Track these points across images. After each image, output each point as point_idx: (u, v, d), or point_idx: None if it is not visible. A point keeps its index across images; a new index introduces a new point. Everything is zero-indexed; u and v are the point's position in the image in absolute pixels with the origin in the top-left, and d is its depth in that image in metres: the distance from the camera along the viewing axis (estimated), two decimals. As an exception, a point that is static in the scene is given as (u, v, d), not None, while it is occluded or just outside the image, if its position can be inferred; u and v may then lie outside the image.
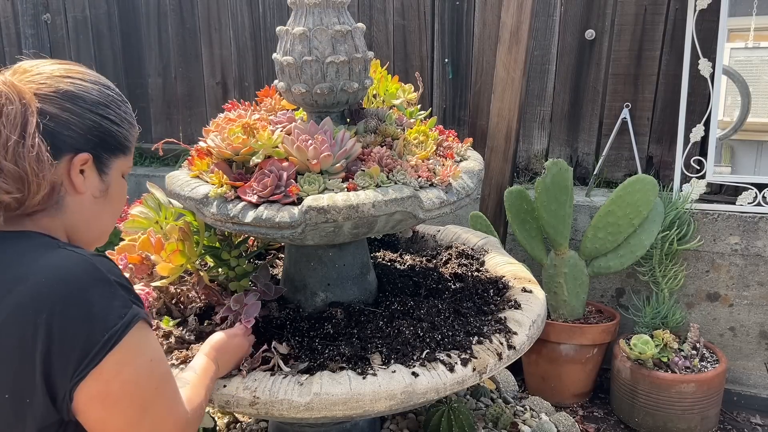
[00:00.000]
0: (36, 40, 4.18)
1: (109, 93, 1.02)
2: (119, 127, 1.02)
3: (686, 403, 2.50)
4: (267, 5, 3.55)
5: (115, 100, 1.03)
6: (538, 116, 3.14)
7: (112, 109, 1.01)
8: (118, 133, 1.02)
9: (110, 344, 0.87)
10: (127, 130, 1.04)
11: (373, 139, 1.50)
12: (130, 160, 1.08)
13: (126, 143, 1.05)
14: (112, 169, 1.03)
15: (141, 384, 0.92)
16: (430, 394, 1.28)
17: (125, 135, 1.04)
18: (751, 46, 2.74)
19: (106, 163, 1.01)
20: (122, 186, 1.08)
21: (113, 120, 1.01)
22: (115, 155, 1.03)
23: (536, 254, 2.78)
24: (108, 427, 0.91)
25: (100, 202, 1.02)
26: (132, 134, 1.06)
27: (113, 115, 1.01)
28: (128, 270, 1.55)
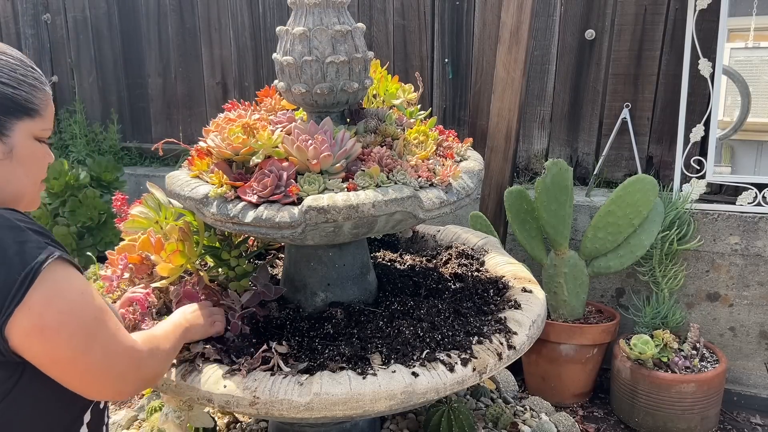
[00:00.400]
0: (36, 40, 4.18)
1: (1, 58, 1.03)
2: (15, 89, 1.02)
3: (686, 403, 2.50)
4: (267, 5, 3.55)
5: (8, 64, 1.03)
6: (538, 116, 3.14)
7: (3, 72, 1.02)
8: (15, 95, 1.02)
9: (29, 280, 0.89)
10: (27, 92, 1.04)
11: (373, 139, 1.50)
12: (41, 122, 1.07)
13: (29, 105, 1.04)
14: (13, 131, 1.03)
15: (77, 313, 0.95)
16: (430, 394, 1.28)
17: (25, 97, 1.04)
18: (751, 46, 2.74)
19: (5, 125, 1.02)
20: (34, 148, 1.07)
21: (5, 82, 1.01)
22: (17, 117, 1.03)
23: (536, 254, 2.78)
24: (57, 358, 0.94)
25: (6, 164, 1.03)
26: (36, 96, 1.05)
27: (5, 77, 1.01)
28: (128, 270, 1.55)
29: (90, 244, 3.32)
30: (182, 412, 1.61)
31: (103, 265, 1.66)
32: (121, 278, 1.56)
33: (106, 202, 3.28)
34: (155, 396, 1.96)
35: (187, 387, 1.30)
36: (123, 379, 1.03)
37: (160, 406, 1.84)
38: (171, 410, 1.61)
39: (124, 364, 1.02)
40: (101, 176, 3.50)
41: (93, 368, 0.98)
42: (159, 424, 1.64)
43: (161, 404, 1.83)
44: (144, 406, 1.97)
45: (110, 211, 3.07)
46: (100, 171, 3.50)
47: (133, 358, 1.04)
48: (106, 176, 3.51)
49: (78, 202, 3.28)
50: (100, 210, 3.33)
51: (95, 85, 4.10)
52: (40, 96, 1.07)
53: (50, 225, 3.24)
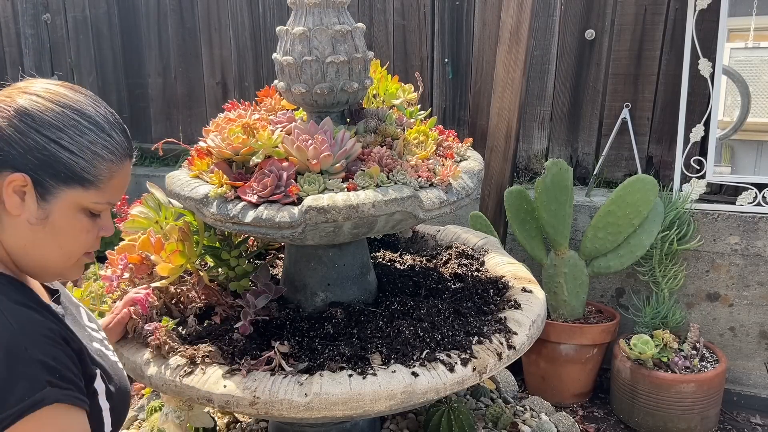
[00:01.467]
0: (36, 40, 4.18)
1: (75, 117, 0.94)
2: (73, 155, 0.93)
3: (686, 403, 2.50)
4: (267, 5, 3.55)
5: (78, 125, 0.93)
6: (538, 116, 3.14)
7: (66, 133, 0.92)
8: (70, 161, 0.92)
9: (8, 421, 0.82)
10: (87, 161, 0.94)
11: (373, 139, 1.50)
12: (96, 195, 0.96)
13: (83, 175, 0.94)
14: (57, 197, 0.93)
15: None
16: (430, 394, 1.28)
17: (83, 165, 0.94)
18: (751, 46, 2.74)
19: (50, 190, 0.93)
20: (77, 221, 0.97)
21: (65, 146, 0.92)
22: (66, 184, 0.93)
23: (536, 254, 2.78)
24: None
25: (38, 230, 0.94)
26: (99, 167, 0.95)
27: (67, 140, 0.92)
28: (128, 270, 1.55)
29: (90, 244, 3.32)
30: (182, 412, 1.61)
31: (103, 265, 1.66)
32: (121, 278, 1.56)
33: (106, 202, 3.28)
34: (155, 396, 1.96)
35: (187, 387, 1.30)
36: None
37: (160, 406, 1.84)
38: (171, 410, 1.61)
39: None
40: (101, 176, 3.49)
41: None
42: (159, 424, 1.64)
43: (161, 404, 1.83)
44: (144, 406, 1.97)
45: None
46: (100, 171, 3.50)
47: None
48: (106, 176, 3.51)
49: (78, 202, 3.28)
50: (100, 210, 3.32)
51: (95, 85, 4.10)
52: (103, 167, 0.96)
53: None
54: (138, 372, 1.38)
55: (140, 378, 1.39)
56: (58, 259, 0.98)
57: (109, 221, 1.03)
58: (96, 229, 1.00)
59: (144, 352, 1.39)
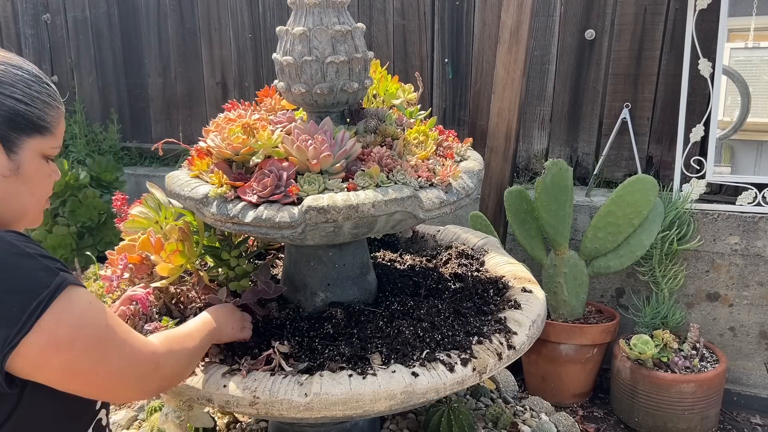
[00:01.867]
0: (36, 40, 4.18)
1: (17, 72, 1.00)
2: (28, 106, 1.00)
3: (686, 403, 2.50)
4: (267, 5, 3.55)
5: (23, 79, 1.00)
6: (538, 116, 3.14)
7: (17, 87, 0.99)
8: (27, 112, 0.99)
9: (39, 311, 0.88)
10: (39, 109, 1.01)
11: (373, 139, 1.50)
12: (51, 140, 1.04)
13: (40, 123, 1.02)
14: (23, 148, 1.00)
15: (88, 323, 0.94)
16: (430, 394, 1.28)
17: (38, 114, 1.01)
18: (751, 46, 2.74)
19: (15, 142, 0.99)
20: (42, 166, 1.04)
21: (19, 98, 0.99)
22: (27, 134, 1.00)
23: (536, 254, 2.78)
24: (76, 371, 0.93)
25: (11, 181, 1.00)
26: (49, 114, 1.03)
27: (19, 93, 0.99)
28: (128, 270, 1.55)
29: (90, 244, 3.32)
30: (182, 412, 1.61)
31: (103, 265, 1.66)
32: (121, 278, 1.56)
33: (106, 202, 3.28)
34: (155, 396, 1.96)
35: (187, 387, 1.30)
36: (144, 380, 1.03)
37: (160, 406, 1.84)
38: (171, 410, 1.61)
39: (142, 366, 1.02)
40: (101, 176, 3.49)
41: (113, 374, 0.98)
42: (159, 424, 1.64)
43: (161, 404, 1.83)
44: (144, 406, 1.97)
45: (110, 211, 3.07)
46: (100, 171, 3.50)
47: (151, 359, 1.03)
48: (106, 176, 3.51)
49: (78, 202, 3.28)
50: (100, 210, 3.33)
51: (95, 85, 4.10)
52: (52, 113, 1.04)
53: (50, 225, 3.24)
54: (138, 372, 1.38)
55: (140, 378, 1.39)
56: (32, 206, 1.06)
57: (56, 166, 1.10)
58: (53, 173, 1.08)
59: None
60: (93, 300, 0.97)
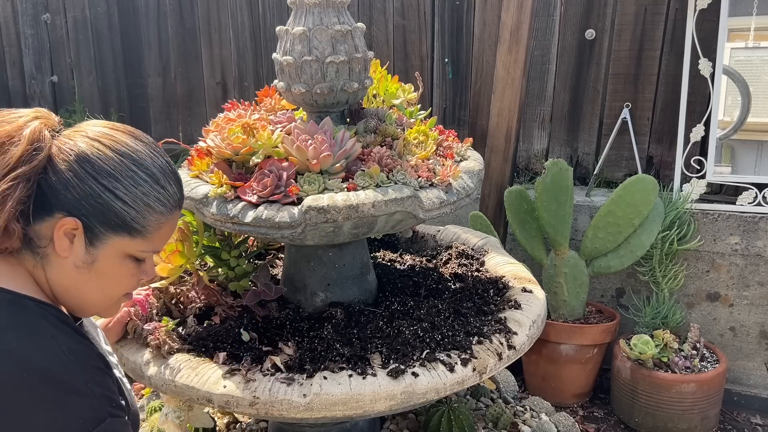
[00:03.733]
0: (36, 40, 4.18)
1: (132, 168, 0.96)
2: (126, 205, 0.95)
3: (686, 403, 2.50)
4: (267, 5, 3.55)
5: (133, 176, 0.96)
6: (538, 116, 3.14)
7: (122, 183, 0.95)
8: (123, 212, 0.95)
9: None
10: (138, 211, 0.96)
11: (373, 139, 1.50)
12: (142, 244, 0.99)
13: (134, 225, 0.97)
14: (104, 244, 0.96)
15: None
16: (430, 395, 1.28)
17: (133, 216, 0.96)
18: (751, 46, 2.74)
19: (99, 236, 0.96)
20: (119, 266, 1.00)
21: (119, 196, 0.95)
22: (115, 232, 0.96)
23: (536, 254, 2.78)
24: None
25: (83, 272, 0.97)
26: (149, 218, 0.98)
27: (122, 190, 0.95)
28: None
29: (90, 244, 3.32)
30: (182, 412, 1.61)
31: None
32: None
33: (106, 202, 3.28)
34: (155, 396, 1.96)
35: (187, 387, 1.30)
36: None
37: (160, 406, 1.84)
38: (171, 410, 1.61)
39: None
40: (101, 176, 3.49)
41: None
42: (159, 424, 1.64)
43: (161, 404, 1.83)
44: (144, 406, 1.97)
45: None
46: (100, 171, 3.49)
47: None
48: (106, 176, 3.51)
49: (78, 202, 3.28)
50: (100, 210, 3.32)
51: (95, 85, 4.10)
52: (153, 218, 0.99)
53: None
54: (138, 372, 1.38)
55: (140, 378, 1.39)
56: (99, 300, 1.02)
57: (151, 266, 1.06)
58: (139, 273, 1.03)
59: (144, 352, 1.39)
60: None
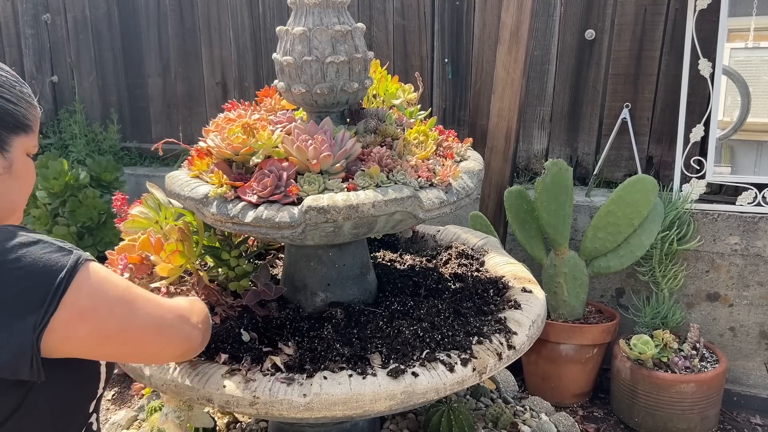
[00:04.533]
0: (36, 40, 4.18)
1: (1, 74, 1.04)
2: (15, 105, 1.04)
3: (686, 403, 2.50)
4: (267, 5, 3.55)
5: (8, 81, 1.04)
6: (538, 116, 3.14)
7: (5, 88, 1.03)
8: (15, 112, 1.04)
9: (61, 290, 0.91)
10: (24, 108, 1.06)
11: (373, 139, 1.50)
12: (33, 139, 1.09)
13: (25, 121, 1.06)
14: (13, 146, 1.04)
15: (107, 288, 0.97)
16: (430, 394, 1.28)
17: (23, 113, 1.05)
18: (751, 46, 2.74)
19: (6, 140, 1.03)
20: (28, 164, 1.09)
21: (8, 99, 1.03)
22: (15, 133, 1.04)
23: (536, 254, 2.78)
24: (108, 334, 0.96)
25: (5, 178, 1.04)
26: (31, 113, 1.07)
27: (7, 94, 1.03)
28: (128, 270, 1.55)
29: (90, 244, 3.32)
30: (182, 412, 1.61)
31: (103, 265, 1.65)
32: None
33: (106, 202, 3.28)
34: (155, 396, 1.96)
35: (187, 387, 1.30)
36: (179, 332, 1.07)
37: (160, 406, 1.84)
38: (171, 410, 1.61)
39: (172, 317, 1.05)
40: (101, 176, 3.49)
41: (146, 330, 1.01)
42: (159, 424, 1.64)
43: (161, 404, 1.83)
44: (144, 406, 1.97)
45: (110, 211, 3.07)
46: (100, 171, 3.49)
47: (177, 310, 1.07)
48: (106, 176, 3.51)
49: (78, 202, 3.28)
50: (99, 210, 3.32)
51: (95, 85, 4.10)
52: (33, 113, 1.08)
53: (50, 225, 3.24)
54: (138, 372, 1.38)
55: (140, 378, 1.39)
56: (22, 202, 1.11)
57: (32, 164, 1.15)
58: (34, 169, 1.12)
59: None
60: (108, 271, 1.00)
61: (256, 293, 1.48)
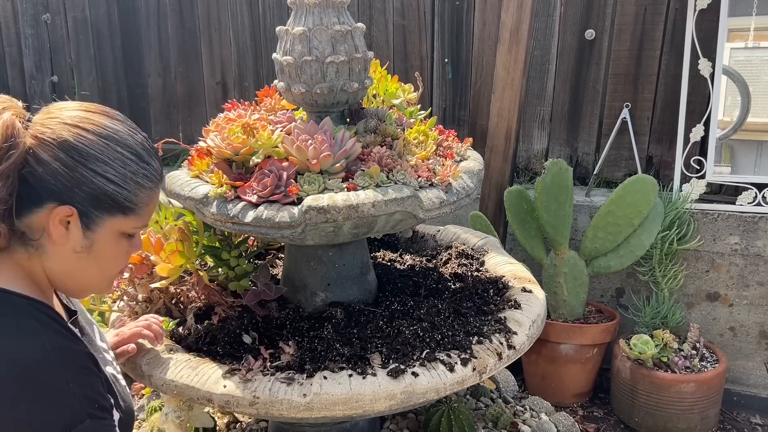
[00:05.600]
0: (36, 40, 4.18)
1: (118, 149, 0.97)
2: (118, 186, 0.97)
3: (686, 403, 2.50)
4: (267, 5, 3.55)
5: (122, 157, 0.97)
6: (538, 116, 3.14)
7: (111, 166, 0.96)
8: (115, 193, 0.97)
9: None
10: (130, 191, 0.98)
11: (373, 139, 1.50)
12: (134, 221, 1.02)
13: (127, 204, 0.99)
14: (101, 227, 0.98)
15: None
16: (430, 394, 1.28)
17: (126, 196, 0.98)
18: (751, 46, 2.74)
19: (95, 220, 0.97)
20: (116, 245, 1.02)
21: (110, 179, 0.96)
22: (110, 214, 0.98)
23: (536, 254, 2.78)
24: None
25: (82, 257, 0.99)
26: (140, 195, 1.00)
27: (112, 173, 0.96)
28: (128, 270, 1.55)
29: (90, 244, 3.32)
30: (182, 412, 1.61)
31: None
32: (121, 278, 1.56)
33: (106, 202, 3.28)
34: (155, 396, 1.96)
35: (187, 387, 1.30)
36: None
37: (160, 406, 1.84)
38: (171, 410, 1.61)
39: None
40: (101, 176, 3.49)
41: None
42: (159, 424, 1.64)
43: (161, 404, 1.83)
44: (144, 406, 1.97)
45: (110, 211, 3.06)
46: (100, 171, 3.50)
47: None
48: (106, 176, 3.51)
49: (78, 202, 3.28)
50: (100, 210, 3.32)
51: (95, 85, 4.10)
52: (143, 194, 1.01)
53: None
54: (138, 372, 1.38)
55: (140, 378, 1.39)
56: (98, 280, 1.05)
57: (140, 239, 1.09)
58: (131, 249, 1.06)
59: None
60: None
61: (256, 293, 1.48)
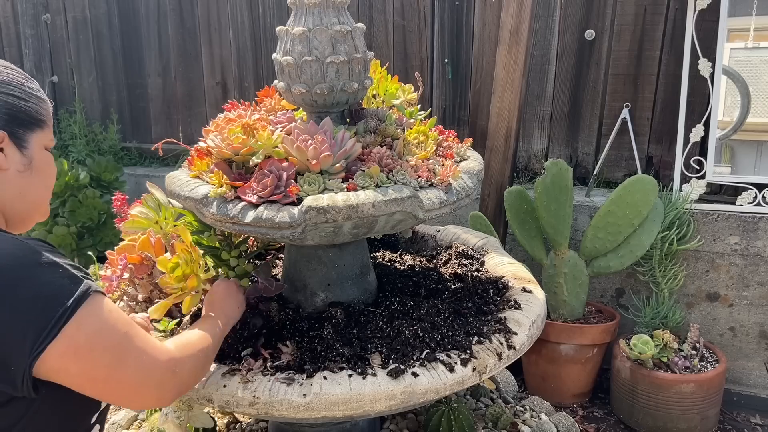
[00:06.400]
0: (36, 40, 4.18)
1: (9, 72, 1.06)
2: (27, 102, 1.05)
3: (686, 403, 2.50)
4: (267, 5, 3.55)
5: (15, 79, 1.06)
6: (538, 116, 3.14)
7: (13, 85, 1.04)
8: (28, 108, 1.05)
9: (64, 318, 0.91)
10: (36, 104, 1.07)
11: (373, 139, 1.50)
12: (48, 133, 1.11)
13: (39, 117, 1.08)
14: (30, 143, 1.06)
15: (107, 331, 0.96)
16: (429, 394, 1.28)
17: (36, 109, 1.07)
18: (751, 46, 2.74)
19: (24, 138, 1.05)
20: (47, 157, 1.11)
21: (18, 96, 1.04)
22: (31, 129, 1.06)
23: (536, 254, 2.78)
24: (94, 377, 0.96)
25: (26, 175, 1.06)
26: (43, 108, 1.09)
27: (17, 92, 1.04)
28: (128, 270, 1.55)
29: (90, 244, 3.32)
30: (182, 412, 1.61)
31: (103, 266, 1.66)
32: (120, 278, 1.56)
33: (105, 203, 3.28)
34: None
35: (187, 387, 1.30)
36: (161, 387, 1.03)
37: (160, 406, 1.84)
38: (171, 410, 1.61)
39: (159, 373, 1.02)
40: (101, 176, 3.49)
41: (130, 381, 0.99)
42: (159, 424, 1.64)
43: (161, 404, 1.83)
44: (144, 406, 1.97)
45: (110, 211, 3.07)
46: (99, 171, 3.50)
47: (168, 365, 1.04)
48: (106, 176, 3.51)
49: (78, 202, 3.28)
50: (99, 210, 3.33)
51: (95, 85, 4.10)
52: (45, 107, 1.10)
53: (50, 225, 3.24)
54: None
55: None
56: (46, 197, 1.13)
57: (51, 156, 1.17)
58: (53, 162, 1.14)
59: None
60: (113, 308, 0.99)
61: (257, 290, 1.48)
